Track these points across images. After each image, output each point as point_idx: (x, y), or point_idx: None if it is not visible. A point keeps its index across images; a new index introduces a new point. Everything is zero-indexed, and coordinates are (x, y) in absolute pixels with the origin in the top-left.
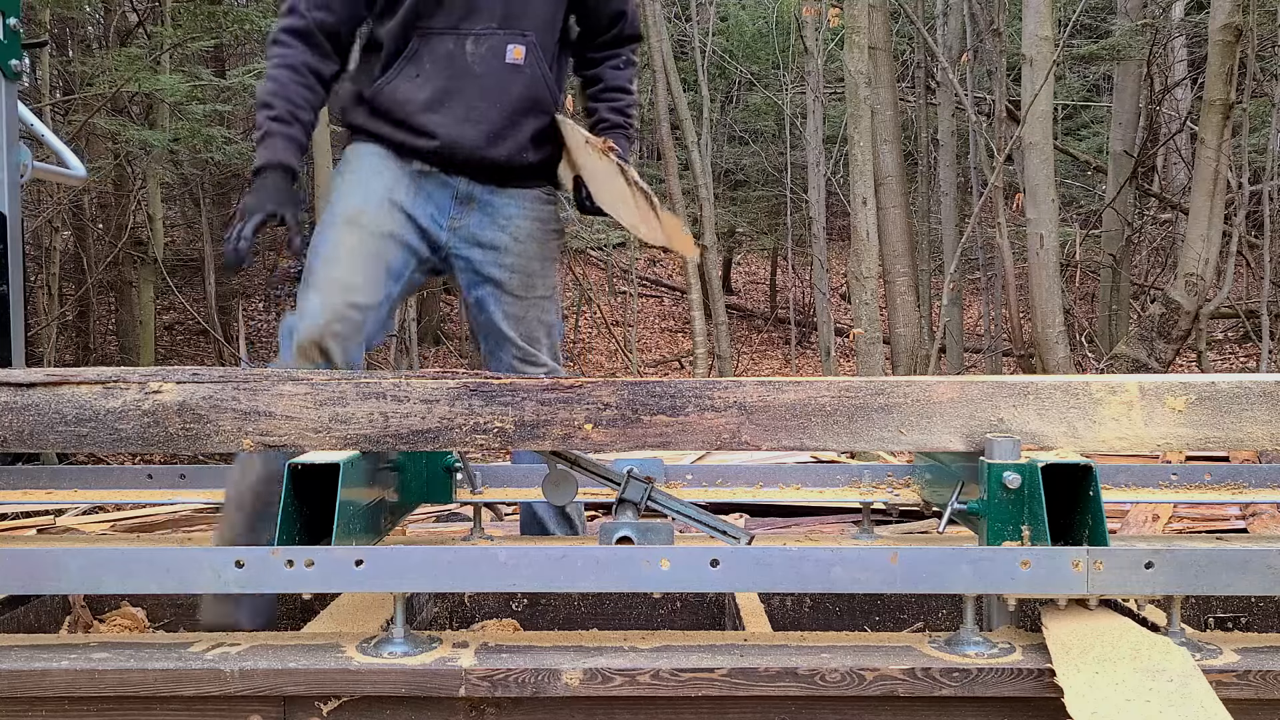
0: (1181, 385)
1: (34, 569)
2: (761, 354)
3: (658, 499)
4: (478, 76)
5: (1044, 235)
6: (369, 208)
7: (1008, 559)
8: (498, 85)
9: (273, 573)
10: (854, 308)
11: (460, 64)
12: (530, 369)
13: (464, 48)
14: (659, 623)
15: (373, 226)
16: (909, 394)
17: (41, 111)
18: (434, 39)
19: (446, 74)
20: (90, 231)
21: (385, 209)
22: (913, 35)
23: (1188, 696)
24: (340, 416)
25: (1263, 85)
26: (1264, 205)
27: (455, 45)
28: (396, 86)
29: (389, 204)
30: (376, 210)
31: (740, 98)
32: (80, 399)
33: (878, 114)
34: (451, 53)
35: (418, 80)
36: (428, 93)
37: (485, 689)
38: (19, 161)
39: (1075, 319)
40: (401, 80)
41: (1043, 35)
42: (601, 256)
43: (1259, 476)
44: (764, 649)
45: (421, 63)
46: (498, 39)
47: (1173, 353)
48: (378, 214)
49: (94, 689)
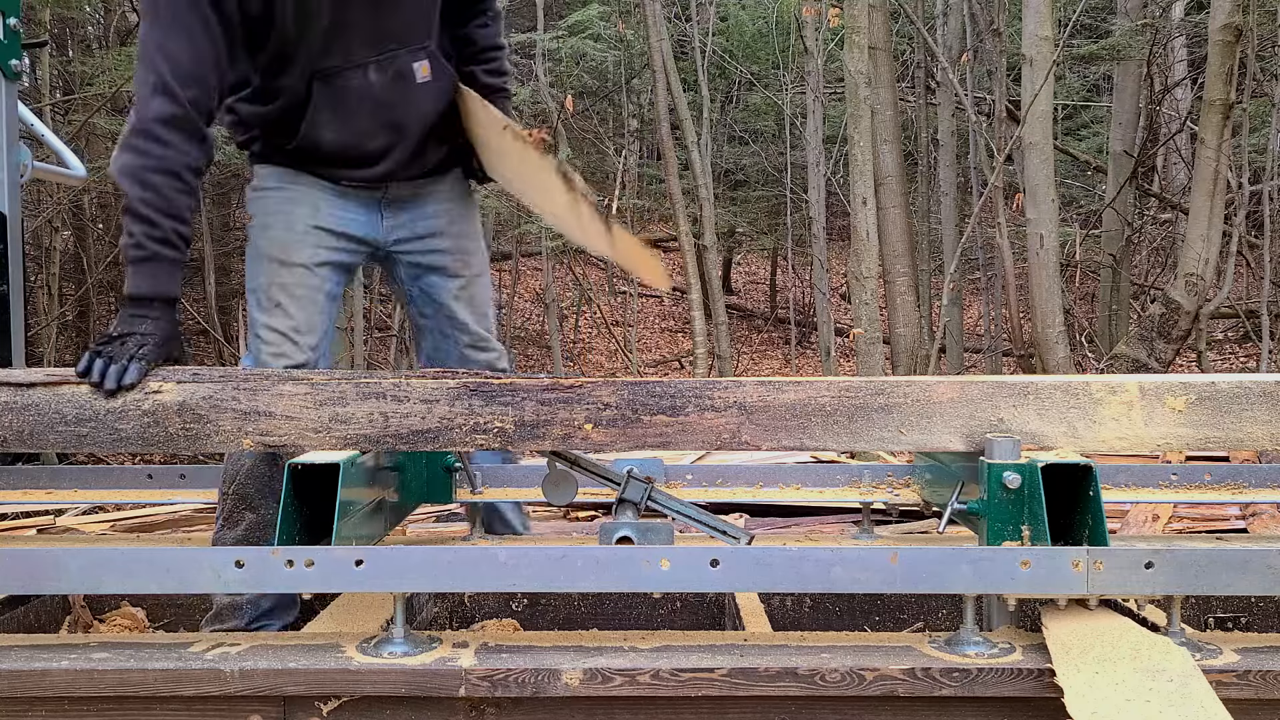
0: (1181, 385)
1: (34, 569)
2: (761, 354)
3: (658, 499)
4: (391, 106)
5: (1044, 235)
6: (294, 241)
7: (1008, 559)
8: (413, 107)
9: (273, 573)
10: (854, 308)
11: (370, 96)
12: (481, 355)
13: (368, 78)
14: (659, 623)
15: (302, 258)
16: (909, 394)
17: (41, 111)
18: (335, 79)
19: (361, 111)
20: (90, 231)
21: (312, 238)
22: (913, 35)
23: (1188, 696)
24: (340, 416)
25: (1263, 85)
26: (1264, 205)
27: (360, 79)
28: (316, 136)
29: (315, 232)
30: (302, 242)
31: (740, 98)
32: (80, 399)
33: (878, 114)
34: (358, 88)
35: (332, 127)
36: (348, 136)
37: (485, 689)
38: (19, 161)
39: (1075, 319)
40: (319, 129)
41: (1043, 35)
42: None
43: (1259, 476)
44: (764, 649)
45: (332, 107)
46: (402, 60)
47: (1173, 353)
48: (304, 246)
49: (94, 689)
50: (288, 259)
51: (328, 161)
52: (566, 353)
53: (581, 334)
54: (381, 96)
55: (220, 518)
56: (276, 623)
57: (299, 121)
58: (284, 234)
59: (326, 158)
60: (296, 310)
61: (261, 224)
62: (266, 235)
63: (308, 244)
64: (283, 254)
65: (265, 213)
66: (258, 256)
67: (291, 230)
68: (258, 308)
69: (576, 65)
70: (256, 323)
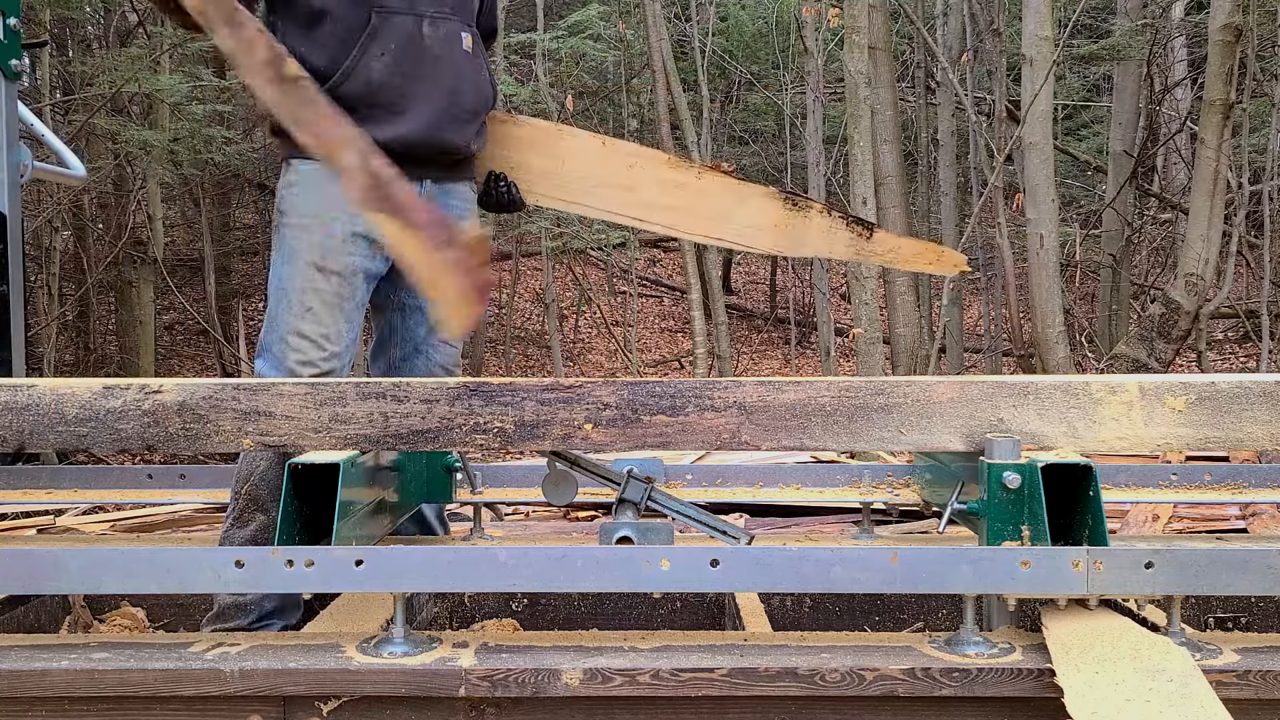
0: (1181, 385)
1: (34, 569)
2: (761, 354)
3: (658, 499)
4: (438, 60)
5: (1044, 235)
6: (333, 247)
7: (1008, 559)
8: (457, 72)
9: (273, 573)
10: (854, 308)
11: (420, 47)
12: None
13: (421, 30)
14: (659, 623)
15: (339, 266)
16: (909, 394)
17: (41, 111)
18: (394, 17)
19: (411, 57)
20: (90, 231)
21: (349, 245)
22: (913, 35)
23: (1188, 696)
24: (340, 416)
25: (1263, 85)
26: (1264, 205)
27: (414, 26)
28: (366, 68)
29: (353, 239)
30: (340, 249)
31: (740, 98)
32: (80, 399)
33: (878, 114)
34: (411, 35)
35: (384, 60)
36: (397, 78)
37: (485, 689)
38: (19, 161)
39: (1075, 319)
40: (369, 60)
41: (1043, 35)
42: (601, 256)
43: (1259, 476)
44: (764, 649)
45: (385, 41)
46: (452, 25)
47: (1173, 353)
48: (342, 253)
49: (94, 689)
50: (325, 265)
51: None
52: (566, 353)
53: (581, 334)
54: (432, 49)
55: (230, 517)
56: (279, 623)
57: (350, 49)
58: (324, 239)
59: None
60: (327, 317)
61: (300, 224)
62: (305, 238)
63: (345, 251)
64: (321, 260)
65: (303, 214)
66: (292, 258)
67: (331, 236)
68: (288, 310)
69: (576, 65)
70: (283, 325)
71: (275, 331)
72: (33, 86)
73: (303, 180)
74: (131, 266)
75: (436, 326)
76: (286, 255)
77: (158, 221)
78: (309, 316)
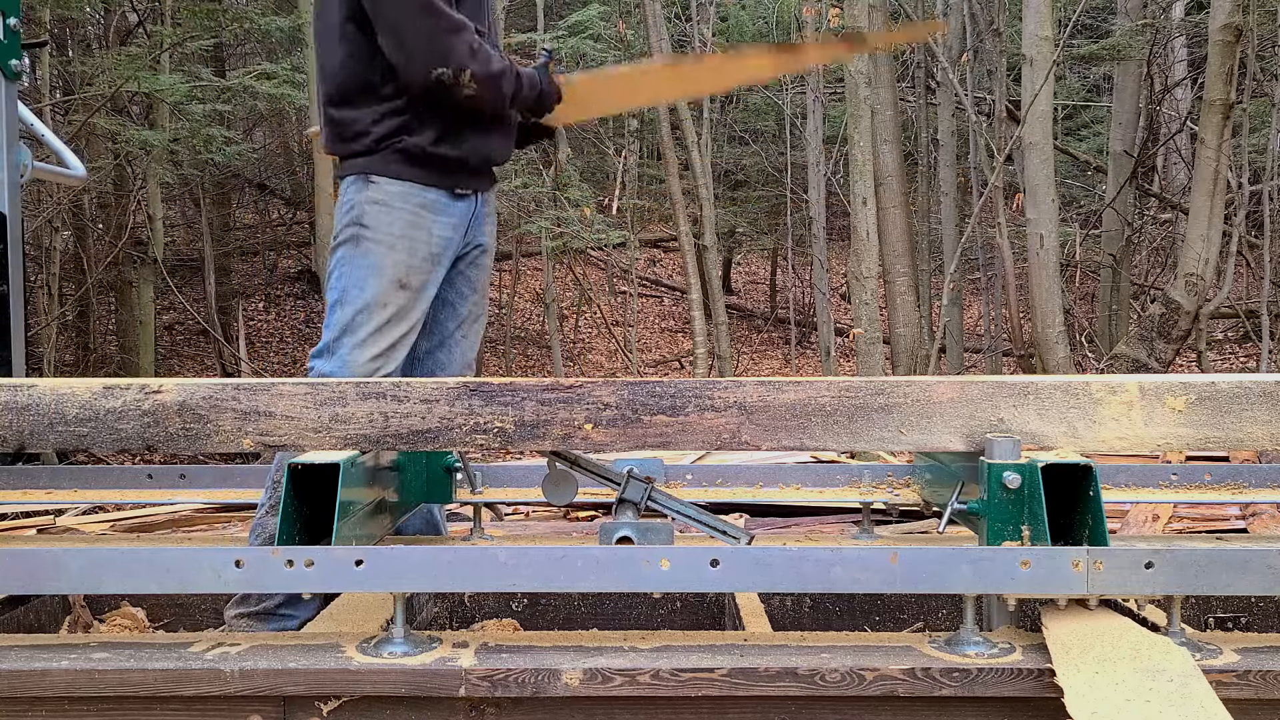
0: (1181, 385)
1: (34, 569)
2: (761, 354)
3: (658, 499)
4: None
5: (1044, 235)
6: (415, 266)
7: (1008, 559)
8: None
9: (273, 573)
10: (854, 308)
11: None
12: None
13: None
14: (659, 623)
15: (416, 284)
16: (909, 394)
17: (41, 111)
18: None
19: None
20: (90, 231)
21: (426, 265)
22: None
23: (1188, 696)
24: (340, 416)
25: (1263, 85)
26: (1264, 205)
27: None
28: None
29: (430, 259)
30: (419, 269)
31: (740, 98)
32: (80, 399)
33: (878, 114)
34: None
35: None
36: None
37: (485, 689)
38: (19, 161)
39: (1075, 319)
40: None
41: (1043, 35)
42: (601, 256)
43: (1259, 476)
44: (764, 649)
45: None
46: (490, 41)
47: (1173, 353)
48: (420, 273)
49: (94, 689)
50: (407, 283)
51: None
52: (566, 353)
53: (581, 334)
54: None
55: (265, 506)
56: (303, 614)
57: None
58: (407, 258)
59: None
60: (399, 328)
61: (386, 243)
62: (391, 256)
63: (424, 270)
64: (405, 277)
65: (391, 233)
66: (376, 273)
67: (414, 255)
68: (367, 320)
69: (577, 65)
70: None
71: (348, 338)
72: (33, 86)
73: (390, 200)
74: (131, 266)
75: None
76: (371, 269)
77: (158, 221)
78: (385, 328)
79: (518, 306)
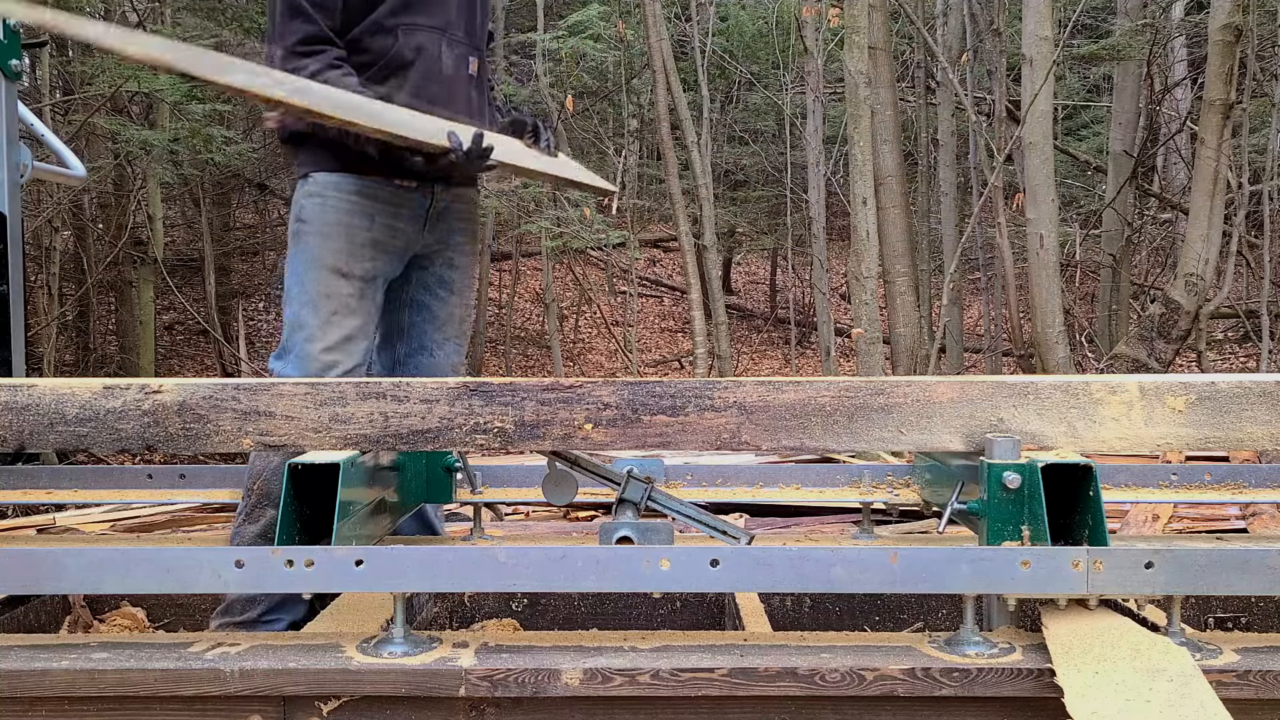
0: (1181, 385)
1: (34, 569)
2: (761, 354)
3: (658, 499)
4: (448, 81)
5: (1044, 235)
6: (354, 252)
7: (1008, 559)
8: (465, 94)
9: (273, 573)
10: (854, 308)
11: (437, 67)
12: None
13: (440, 50)
14: (659, 623)
15: (360, 271)
16: (909, 394)
17: (41, 111)
18: (419, 34)
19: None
20: (90, 231)
21: (369, 251)
22: (913, 35)
23: (1188, 696)
24: (340, 416)
25: (1263, 85)
26: (1264, 205)
27: (433, 47)
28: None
29: (371, 245)
30: (360, 254)
31: (740, 98)
32: (80, 399)
33: (878, 114)
34: (431, 54)
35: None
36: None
37: (485, 689)
38: (19, 161)
39: (1075, 319)
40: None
41: (1043, 35)
42: (601, 256)
43: (1259, 476)
44: (764, 649)
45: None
46: (463, 49)
47: (1173, 353)
48: (362, 259)
49: (94, 689)
50: (349, 271)
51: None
52: (566, 353)
53: (581, 334)
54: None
55: (242, 513)
56: (286, 618)
57: (368, 67)
58: (346, 245)
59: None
60: (349, 320)
61: (321, 232)
62: (328, 245)
63: (365, 257)
64: (345, 265)
65: (325, 221)
66: (314, 264)
67: (352, 242)
68: (312, 314)
69: (576, 65)
70: (306, 327)
71: (298, 334)
72: (33, 86)
73: (324, 190)
74: (131, 266)
75: None
76: (307, 261)
77: (158, 221)
78: (333, 320)
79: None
